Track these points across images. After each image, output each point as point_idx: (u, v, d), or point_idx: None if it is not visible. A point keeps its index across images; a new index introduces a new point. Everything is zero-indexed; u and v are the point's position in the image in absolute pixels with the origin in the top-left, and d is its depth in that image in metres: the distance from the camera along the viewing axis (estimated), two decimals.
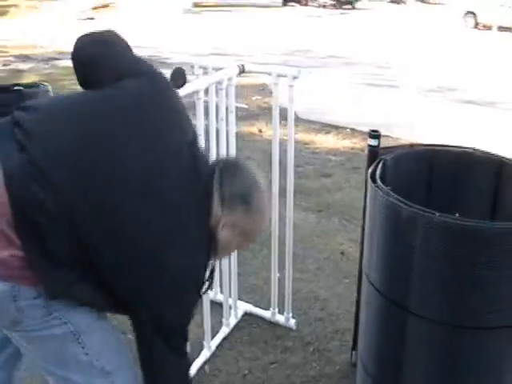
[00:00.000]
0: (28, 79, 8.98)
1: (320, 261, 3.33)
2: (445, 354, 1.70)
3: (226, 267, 2.53)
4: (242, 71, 2.26)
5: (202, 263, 1.35)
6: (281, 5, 24.06)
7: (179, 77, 1.75)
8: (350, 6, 23.32)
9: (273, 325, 2.71)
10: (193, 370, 2.38)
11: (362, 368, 2.00)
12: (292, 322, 2.68)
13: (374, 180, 1.71)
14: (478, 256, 1.50)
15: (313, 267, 3.26)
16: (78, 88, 1.46)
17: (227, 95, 2.25)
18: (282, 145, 2.41)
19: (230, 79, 2.20)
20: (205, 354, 2.48)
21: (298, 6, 23.67)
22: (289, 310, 2.68)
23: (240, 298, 2.83)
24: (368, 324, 1.91)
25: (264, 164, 2.49)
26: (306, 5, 23.58)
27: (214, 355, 2.51)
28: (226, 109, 2.31)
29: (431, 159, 1.95)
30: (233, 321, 2.70)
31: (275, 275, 2.68)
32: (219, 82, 2.16)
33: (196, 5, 23.34)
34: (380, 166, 1.78)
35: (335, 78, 9.24)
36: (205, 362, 2.46)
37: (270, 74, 2.25)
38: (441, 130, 6.10)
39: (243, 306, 2.80)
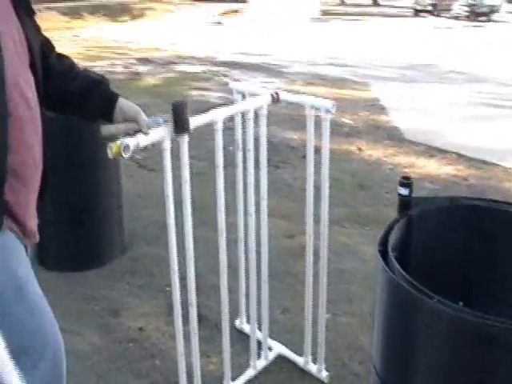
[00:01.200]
0: (144, 82, 9.40)
1: None
2: None
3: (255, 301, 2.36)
4: (276, 100, 2.06)
5: None
6: (412, 15, 23.14)
7: (180, 113, 1.59)
8: (485, 18, 21.66)
9: (304, 373, 2.48)
10: None
11: None
12: (324, 375, 2.43)
13: (382, 244, 1.43)
14: (485, 359, 1.19)
15: (368, 311, 2.96)
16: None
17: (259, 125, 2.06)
18: (380, 166, 2.16)
19: (260, 108, 2.02)
20: None
21: (429, 16, 22.56)
22: (321, 361, 2.43)
23: (279, 339, 2.63)
24: None
25: (348, 188, 2.26)
26: (438, 15, 22.35)
27: None
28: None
29: (474, 218, 1.62)
30: (262, 363, 2.51)
31: (308, 318, 2.44)
32: (246, 112, 1.98)
33: (324, 13, 23.18)
34: (398, 224, 1.50)
35: (453, 95, 8.64)
36: None
37: (303, 105, 2.04)
38: None
39: (277, 348, 2.60)
